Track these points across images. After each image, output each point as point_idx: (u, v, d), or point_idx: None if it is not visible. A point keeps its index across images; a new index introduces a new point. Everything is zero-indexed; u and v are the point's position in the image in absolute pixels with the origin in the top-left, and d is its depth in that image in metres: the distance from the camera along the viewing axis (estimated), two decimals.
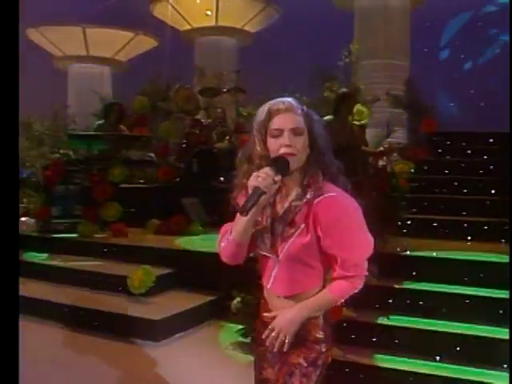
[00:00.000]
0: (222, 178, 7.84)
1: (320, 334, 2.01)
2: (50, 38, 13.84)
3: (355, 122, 7.46)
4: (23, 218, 7.97)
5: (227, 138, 9.07)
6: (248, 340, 4.63)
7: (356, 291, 2.01)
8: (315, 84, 9.07)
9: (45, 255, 6.59)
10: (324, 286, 2.00)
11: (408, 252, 5.00)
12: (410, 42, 11.40)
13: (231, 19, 14.09)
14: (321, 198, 1.91)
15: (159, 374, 4.21)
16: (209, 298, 5.45)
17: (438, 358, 3.84)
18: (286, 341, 1.96)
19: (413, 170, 6.46)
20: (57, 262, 6.28)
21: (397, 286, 4.48)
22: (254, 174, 1.90)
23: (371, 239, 1.98)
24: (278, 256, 1.99)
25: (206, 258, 5.61)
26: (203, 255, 5.77)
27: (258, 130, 1.97)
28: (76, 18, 13.30)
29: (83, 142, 7.90)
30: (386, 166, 6.20)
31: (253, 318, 4.50)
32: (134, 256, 6.11)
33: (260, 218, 2.02)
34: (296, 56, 12.88)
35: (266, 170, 1.89)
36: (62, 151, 8.97)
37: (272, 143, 1.95)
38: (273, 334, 1.98)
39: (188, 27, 14.43)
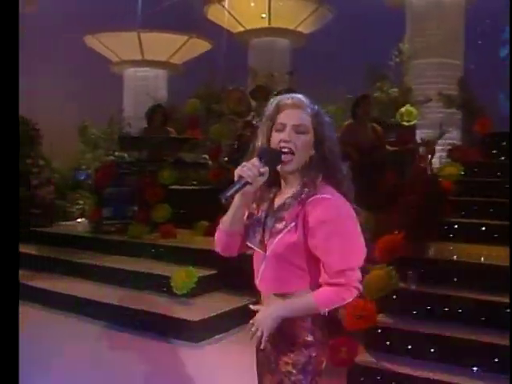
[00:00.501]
0: None
1: (309, 338, 1.96)
2: (107, 44, 14.23)
3: (404, 123, 7.36)
4: (79, 220, 8.25)
5: None
6: None
7: (344, 303, 1.92)
8: (366, 84, 8.99)
9: (95, 255, 6.82)
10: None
11: (455, 257, 4.86)
12: (464, 39, 11.07)
13: (284, 20, 14.08)
14: (313, 197, 1.89)
15: (197, 375, 4.27)
16: (251, 300, 5.46)
17: (475, 368, 3.74)
18: (264, 337, 1.92)
19: (462, 173, 6.25)
20: (105, 262, 6.49)
21: (436, 293, 4.36)
22: (243, 163, 1.91)
23: (363, 249, 1.91)
24: (265, 251, 1.99)
25: (249, 260, 5.62)
26: (247, 257, 5.75)
27: (264, 122, 1.99)
28: (131, 23, 13.60)
29: (132, 144, 8.06)
30: (426, 168, 6.06)
31: None
32: (180, 257, 6.21)
33: (256, 211, 2.04)
34: (347, 56, 12.75)
35: (254, 160, 1.90)
36: (116, 153, 9.22)
37: (275, 137, 1.95)
38: (252, 328, 1.96)
39: (241, 29, 14.54)
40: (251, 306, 2.05)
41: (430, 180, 5.18)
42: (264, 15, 14.03)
